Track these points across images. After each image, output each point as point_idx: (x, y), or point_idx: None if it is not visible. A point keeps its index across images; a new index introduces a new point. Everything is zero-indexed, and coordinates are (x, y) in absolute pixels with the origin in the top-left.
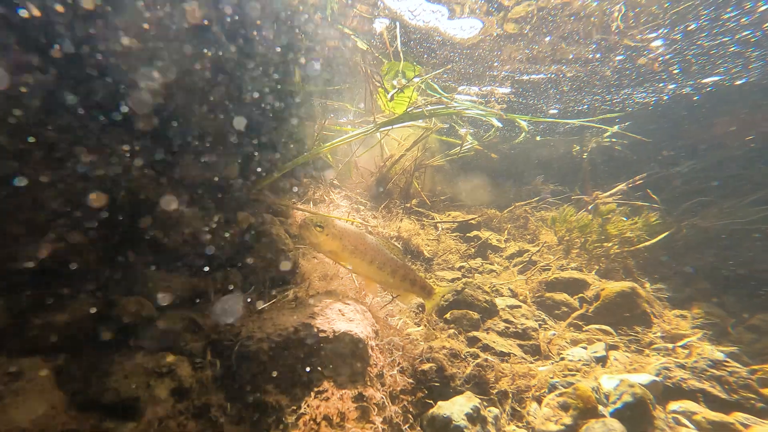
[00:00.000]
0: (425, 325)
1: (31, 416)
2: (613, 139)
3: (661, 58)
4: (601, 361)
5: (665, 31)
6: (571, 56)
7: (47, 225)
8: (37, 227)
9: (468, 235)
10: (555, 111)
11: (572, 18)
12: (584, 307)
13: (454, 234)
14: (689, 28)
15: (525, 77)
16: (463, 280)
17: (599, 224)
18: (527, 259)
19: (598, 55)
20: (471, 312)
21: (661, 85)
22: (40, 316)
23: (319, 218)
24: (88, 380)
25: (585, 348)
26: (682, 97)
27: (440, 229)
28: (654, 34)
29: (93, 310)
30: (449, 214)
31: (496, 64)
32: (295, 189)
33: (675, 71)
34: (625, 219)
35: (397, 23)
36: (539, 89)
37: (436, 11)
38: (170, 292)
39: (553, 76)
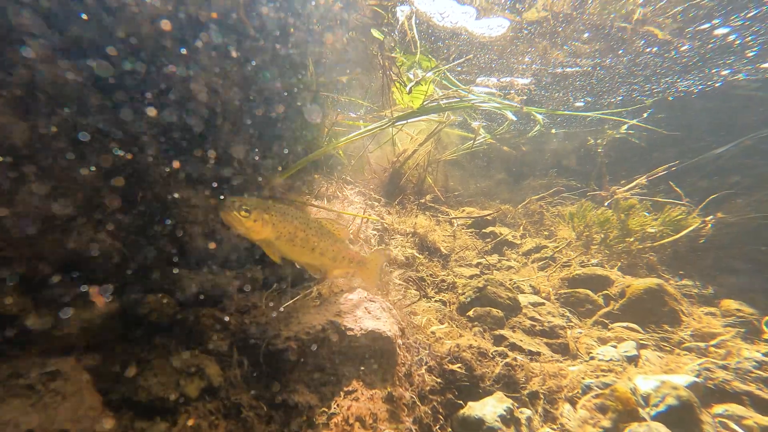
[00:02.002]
0: (449, 323)
1: (71, 416)
2: (630, 131)
3: (739, 40)
4: (633, 360)
5: (718, 21)
6: (620, 51)
7: (72, 223)
8: (63, 225)
9: (484, 231)
10: (581, 104)
11: (613, 15)
12: (611, 305)
13: (470, 230)
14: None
15: (559, 70)
16: (484, 276)
17: (620, 219)
18: (547, 255)
19: (656, 49)
20: (494, 309)
21: (714, 70)
22: (69, 313)
23: (246, 201)
24: (118, 379)
25: (615, 347)
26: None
27: (456, 225)
28: (708, 25)
29: (119, 308)
30: (463, 210)
31: (527, 59)
32: (308, 185)
33: (750, 54)
34: (647, 214)
35: (414, 10)
36: (566, 82)
37: (465, 12)
38: (193, 290)
39: (589, 69)
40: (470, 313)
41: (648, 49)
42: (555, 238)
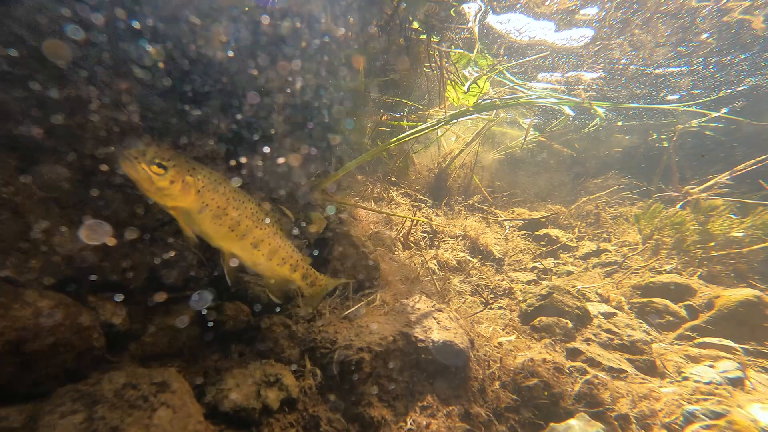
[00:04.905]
0: (517, 334)
1: (182, 430)
2: (703, 123)
3: None
4: (737, 383)
5: None
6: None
7: (155, 232)
8: (147, 234)
9: (536, 233)
10: (675, 97)
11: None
12: (700, 317)
13: (521, 232)
14: None
15: (660, 71)
16: (548, 283)
17: (700, 222)
18: (610, 259)
19: None
20: (562, 319)
21: None
22: (155, 321)
23: (162, 153)
24: (202, 388)
25: (712, 366)
26: None
27: (508, 228)
28: None
29: (197, 316)
30: (513, 211)
31: (625, 60)
32: (354, 187)
33: None
34: (733, 216)
35: (482, 8)
36: (660, 79)
37: (543, 27)
38: (261, 297)
39: (700, 67)
40: (535, 322)
41: None
42: (617, 242)
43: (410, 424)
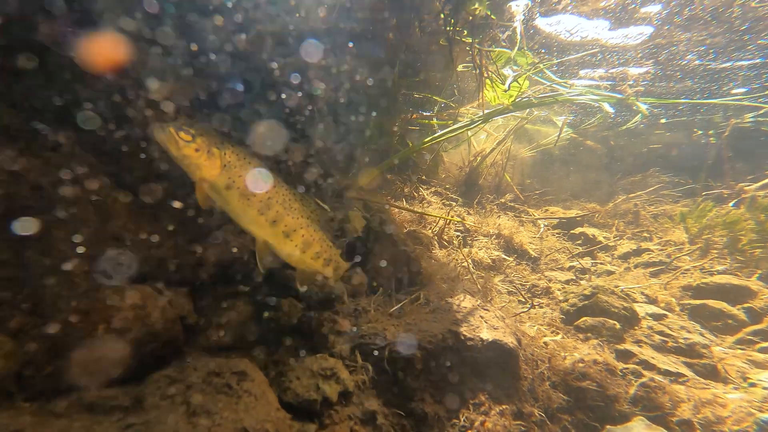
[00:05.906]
0: (563, 335)
1: (266, 417)
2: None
3: None
4: None
5: None
6: None
7: (210, 232)
8: (205, 234)
9: (572, 232)
10: (743, 90)
11: None
12: (764, 321)
13: (556, 231)
14: None
15: (728, 65)
16: (591, 283)
17: (759, 221)
18: (654, 259)
19: None
20: (609, 320)
21: None
22: (218, 315)
23: (192, 125)
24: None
25: None
26: None
27: (543, 226)
28: None
29: (253, 311)
30: (546, 210)
31: (689, 56)
32: (384, 186)
33: None
34: None
35: (528, 4)
36: (722, 74)
37: (597, 26)
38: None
39: None
40: (579, 323)
41: None
42: (659, 241)
43: (463, 421)
